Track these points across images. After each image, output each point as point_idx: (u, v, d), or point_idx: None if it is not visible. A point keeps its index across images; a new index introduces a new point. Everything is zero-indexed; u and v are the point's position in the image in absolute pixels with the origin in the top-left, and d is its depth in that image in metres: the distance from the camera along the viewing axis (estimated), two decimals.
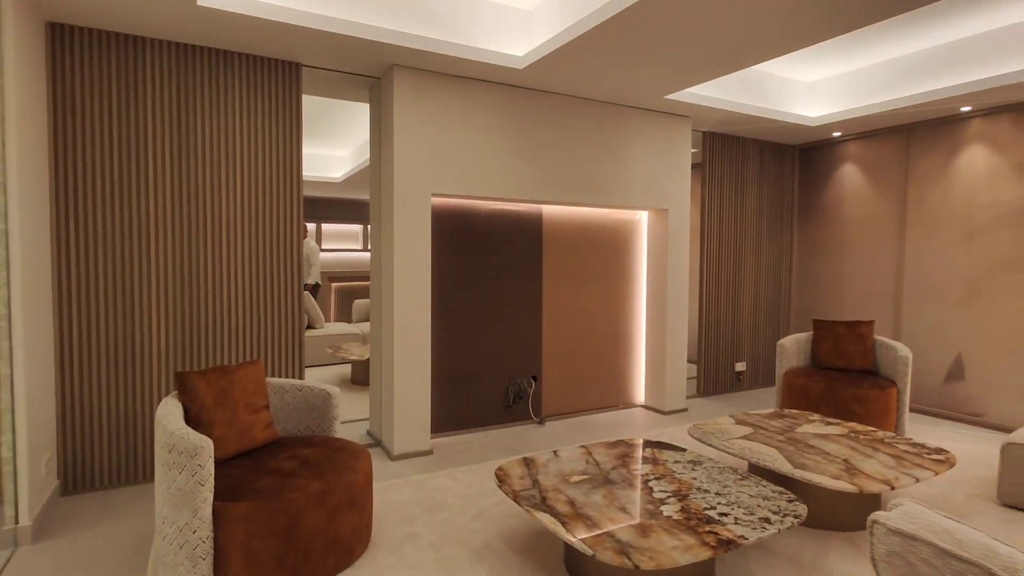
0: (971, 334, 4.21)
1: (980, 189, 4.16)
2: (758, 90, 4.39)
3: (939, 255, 4.39)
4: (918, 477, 2.37)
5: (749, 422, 3.12)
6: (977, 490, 2.97)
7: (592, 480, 2.33)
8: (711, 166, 4.91)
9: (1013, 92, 3.71)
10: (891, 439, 2.84)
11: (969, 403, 4.22)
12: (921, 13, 3.43)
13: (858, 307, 4.92)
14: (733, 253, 5.05)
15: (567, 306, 4.28)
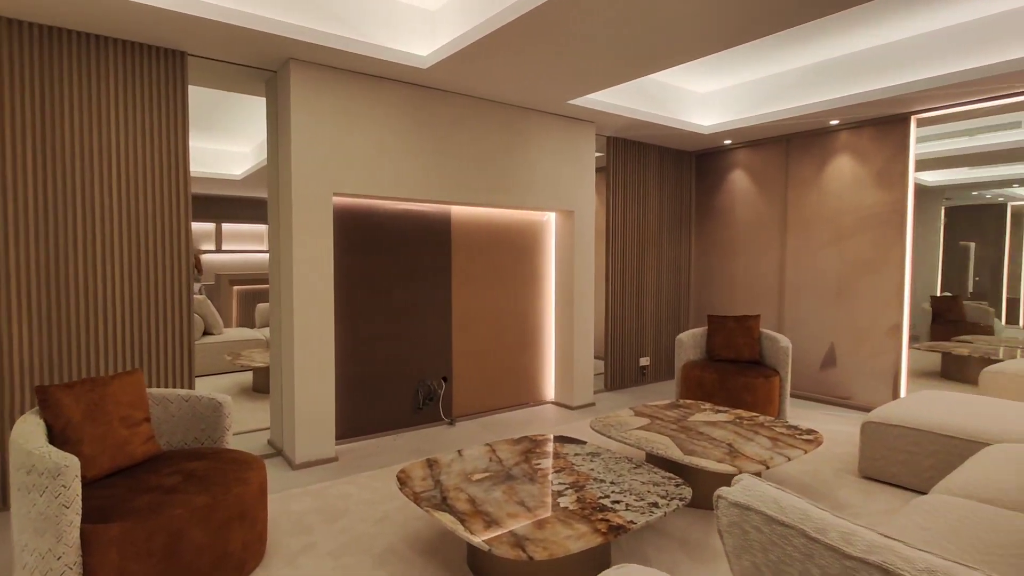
0: (841, 326, 4.67)
1: (847, 195, 4.62)
2: (657, 99, 4.63)
3: (814, 255, 4.83)
4: (789, 456, 2.60)
5: (647, 413, 3.29)
6: (843, 465, 3.30)
7: (494, 477, 2.36)
8: (615, 170, 5.12)
9: (873, 108, 4.14)
10: (770, 423, 3.09)
11: (840, 387, 4.68)
12: (798, 34, 3.76)
13: (748, 302, 5.32)
14: (637, 253, 5.29)
15: (477, 306, 4.30)
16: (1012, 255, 6.89)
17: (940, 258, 7.34)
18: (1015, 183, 6.91)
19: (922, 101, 3.98)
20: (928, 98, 3.90)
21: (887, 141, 4.38)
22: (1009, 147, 5.09)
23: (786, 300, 5.03)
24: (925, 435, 2.86)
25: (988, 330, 6.76)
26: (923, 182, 7.05)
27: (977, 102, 3.94)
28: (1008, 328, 6.87)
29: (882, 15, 3.48)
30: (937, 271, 7.29)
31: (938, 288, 7.30)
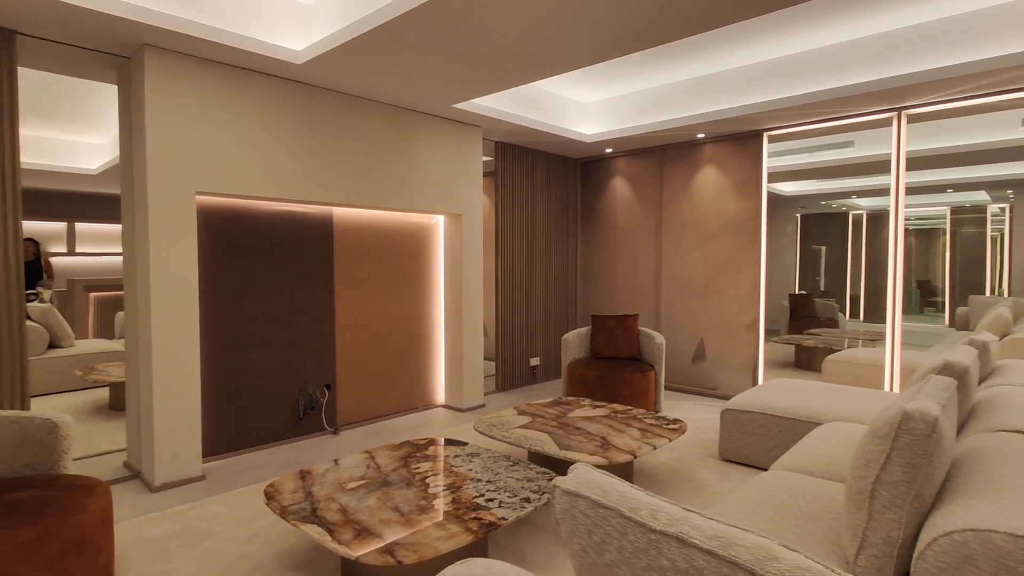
0: (708, 322, 5.08)
1: (712, 202, 5.04)
2: (542, 107, 4.78)
3: (685, 257, 5.22)
4: (655, 445, 2.79)
5: (530, 412, 3.38)
6: (706, 450, 3.59)
7: (369, 484, 2.32)
8: (503, 174, 5.22)
9: (732, 124, 4.56)
10: (642, 415, 3.30)
11: (708, 379, 5.09)
12: (670, 52, 4.04)
13: (629, 301, 5.63)
14: (526, 255, 5.43)
15: (363, 310, 4.20)
16: (853, 257, 7.89)
17: (797, 260, 8.23)
18: (853, 195, 7.91)
19: (772, 120, 4.44)
20: (777, 117, 4.36)
21: (745, 154, 4.84)
22: (846, 163, 5.79)
23: (662, 299, 5.39)
24: (771, 418, 3.19)
25: (834, 323, 7.66)
26: (781, 192, 7.85)
27: (818, 122, 4.46)
28: (851, 322, 7.83)
29: (740, 40, 3.85)
30: (794, 271, 8.16)
31: (795, 287, 8.17)
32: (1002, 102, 3.78)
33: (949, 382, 1.71)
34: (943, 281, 7.95)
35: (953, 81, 3.48)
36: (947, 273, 7.87)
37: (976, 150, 5.22)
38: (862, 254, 7.09)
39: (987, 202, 7.35)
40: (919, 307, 8.25)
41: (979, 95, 3.73)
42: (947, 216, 7.83)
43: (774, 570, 0.77)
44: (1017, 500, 1.27)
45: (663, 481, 3.11)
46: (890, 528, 1.40)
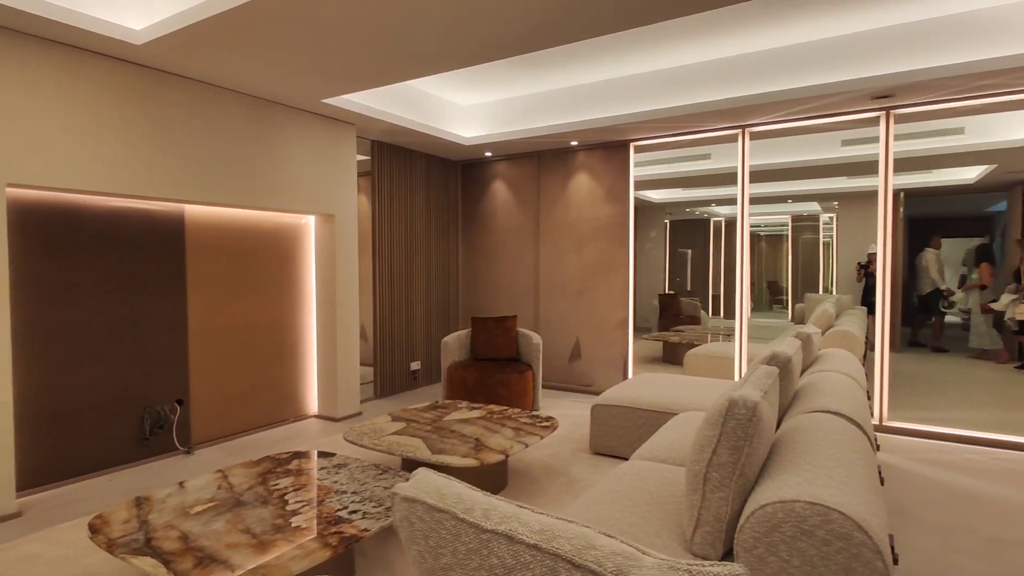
0: (583, 321, 5.31)
1: (585, 207, 5.28)
2: (421, 107, 4.72)
3: (561, 259, 5.42)
4: (527, 443, 2.85)
5: (404, 417, 3.31)
6: (579, 445, 3.74)
7: (219, 507, 2.13)
8: (381, 174, 5.08)
9: (602, 134, 4.80)
10: (517, 415, 3.36)
11: (584, 376, 5.32)
12: (544, 60, 4.16)
13: (510, 303, 5.73)
14: (406, 258, 5.33)
15: (221, 317, 3.87)
16: (714, 260, 8.67)
17: (666, 262, 8.86)
18: (712, 203, 8.68)
19: (637, 132, 4.74)
20: (641, 129, 4.66)
21: (613, 162, 5.12)
22: (704, 174, 6.32)
23: (541, 300, 5.54)
24: (635, 411, 3.39)
25: (697, 321, 8.34)
26: (650, 199, 8.41)
27: (676, 135, 4.82)
28: (712, 318, 8.57)
29: (609, 54, 4.05)
30: (664, 273, 8.78)
31: (665, 287, 8.79)
32: (826, 124, 4.33)
33: (772, 371, 1.92)
34: (787, 281, 8.99)
35: (786, 104, 3.92)
36: (789, 274, 8.91)
37: (808, 165, 5.95)
38: (721, 257, 7.73)
39: (819, 212, 8.42)
40: (768, 304, 9.26)
41: (807, 117, 4.24)
42: (789, 224, 8.88)
43: (591, 558, 0.80)
44: (818, 472, 1.44)
45: (537, 477, 3.18)
46: (720, 506, 1.53)
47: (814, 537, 1.26)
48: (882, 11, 3.35)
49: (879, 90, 3.63)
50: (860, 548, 1.21)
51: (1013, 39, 3.21)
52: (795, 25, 3.56)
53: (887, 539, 1.26)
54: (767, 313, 9.00)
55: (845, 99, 3.81)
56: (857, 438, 1.84)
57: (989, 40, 3.26)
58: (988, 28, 3.26)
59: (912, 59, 3.47)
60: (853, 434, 1.85)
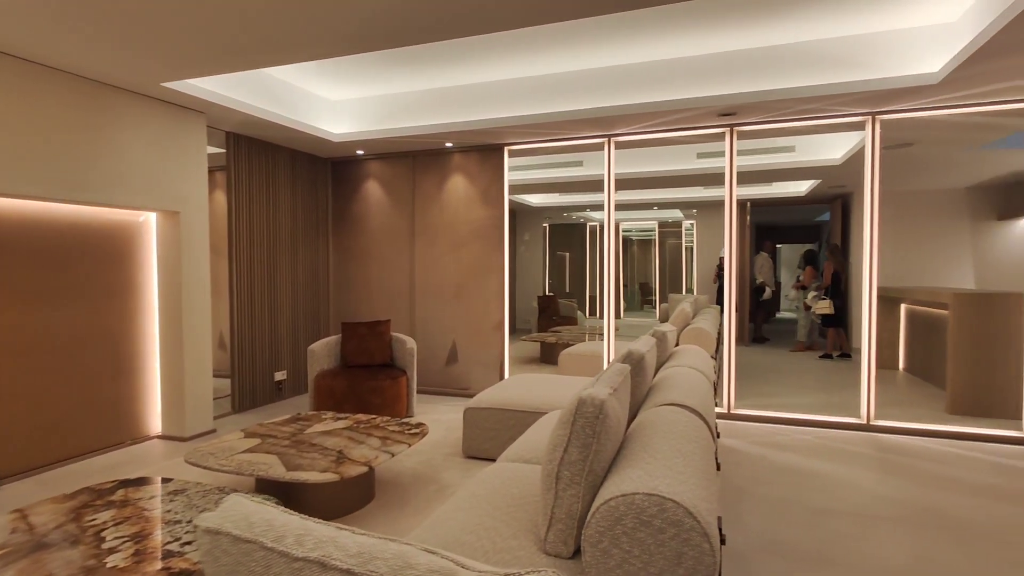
0: (461, 324, 5.28)
1: (461, 209, 5.26)
2: (285, 99, 4.41)
3: (438, 261, 5.35)
4: (394, 452, 2.74)
5: (260, 433, 3.05)
6: (453, 450, 3.69)
7: (12, 553, 1.79)
8: (238, 169, 4.68)
9: (477, 136, 4.80)
10: (385, 423, 3.23)
11: (461, 380, 5.29)
12: (418, 58, 4.06)
13: (385, 306, 5.55)
14: (268, 260, 4.95)
15: (32, 330, 3.33)
16: (591, 263, 9.06)
17: (545, 265, 9.12)
18: (587, 208, 9.07)
19: (511, 136, 4.80)
20: (515, 134, 4.72)
21: (489, 165, 5.15)
22: (578, 180, 6.57)
23: (416, 303, 5.43)
24: (506, 412, 3.41)
25: (574, 321, 8.66)
26: (529, 203, 8.60)
27: (548, 141, 4.94)
28: (590, 319, 8.95)
29: (481, 57, 4.05)
30: (543, 276, 9.02)
31: (544, 289, 9.03)
32: (682, 137, 4.67)
33: (624, 368, 1.99)
34: (655, 283, 9.65)
35: (646, 116, 4.17)
36: (657, 276, 9.57)
37: (669, 175, 6.41)
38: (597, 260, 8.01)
39: (681, 219, 9.14)
40: (640, 304, 9.89)
41: (666, 129, 4.55)
42: (656, 229, 9.54)
43: None
44: (659, 464, 1.51)
45: (407, 486, 3.08)
46: (571, 503, 1.55)
47: (651, 527, 1.31)
48: (727, 36, 3.68)
49: (724, 108, 3.98)
50: (690, 533, 1.28)
51: (830, 70, 3.67)
52: (654, 43, 3.80)
53: (715, 522, 1.34)
54: (639, 313, 9.61)
55: (697, 115, 4.14)
56: (699, 428, 1.97)
57: (812, 69, 3.71)
58: (811, 59, 3.70)
59: (751, 82, 3.85)
60: (695, 425, 1.98)
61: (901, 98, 3.74)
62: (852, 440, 3.94)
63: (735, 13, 3.36)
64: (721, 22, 3.48)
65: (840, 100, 3.78)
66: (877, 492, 3.03)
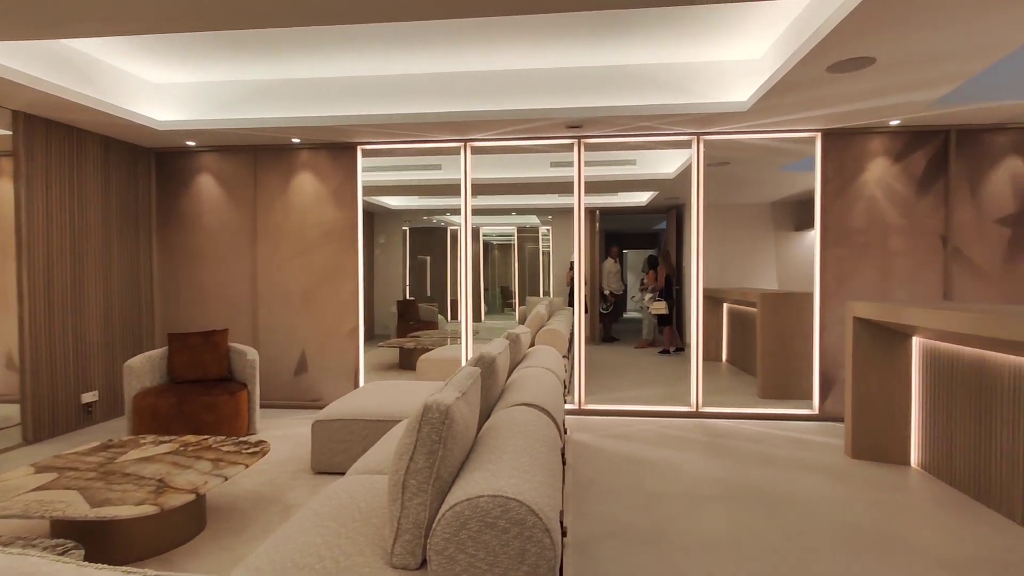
0: (310, 332, 4.97)
1: (310, 210, 4.95)
2: (93, 78, 3.81)
3: (285, 265, 4.98)
4: (227, 476, 2.48)
5: (57, 466, 2.58)
6: (301, 466, 3.44)
7: None
8: (31, 156, 3.96)
9: (326, 133, 4.55)
10: (219, 443, 2.91)
11: (312, 391, 4.97)
12: (262, 45, 3.72)
13: (222, 315, 5.04)
14: (72, 262, 4.24)
15: None
16: (452, 266, 9.04)
17: (406, 269, 8.93)
18: (448, 212, 9.06)
19: (364, 135, 4.62)
20: (368, 133, 4.55)
21: (340, 165, 4.92)
22: (437, 184, 6.53)
23: (260, 310, 5.00)
24: (358, 423, 3.26)
25: (435, 326, 8.59)
26: (388, 205, 8.37)
27: (404, 143, 4.84)
28: (451, 323, 8.92)
29: (329, 50, 3.84)
30: (403, 280, 8.82)
31: (405, 293, 8.84)
32: (536, 146, 4.84)
33: (474, 371, 1.99)
34: (515, 286, 9.91)
35: (501, 123, 4.26)
36: (517, 280, 9.85)
37: (526, 182, 6.62)
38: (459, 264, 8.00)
39: (538, 224, 9.50)
40: (501, 307, 10.11)
41: (520, 137, 4.68)
42: (515, 234, 9.82)
43: None
44: (505, 465, 1.52)
45: (245, 511, 2.81)
46: (418, 512, 1.50)
47: (496, 528, 1.31)
48: (576, 53, 3.89)
49: (571, 120, 4.20)
50: (532, 530, 1.30)
51: (664, 92, 4.03)
52: (509, 53, 3.89)
53: (556, 517, 1.38)
54: (500, 315, 9.82)
55: (548, 125, 4.32)
56: (546, 426, 2.03)
57: (649, 90, 4.05)
58: (649, 81, 4.04)
59: (596, 98, 4.11)
60: (543, 423, 2.04)
61: (719, 122, 4.24)
62: (684, 427, 4.37)
63: (583, 31, 3.56)
64: (570, 39, 3.67)
65: (672, 120, 4.17)
66: (703, 473, 3.38)
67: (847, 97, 3.67)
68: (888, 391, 3.54)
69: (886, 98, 3.70)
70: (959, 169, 4.43)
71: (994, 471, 2.83)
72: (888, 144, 4.48)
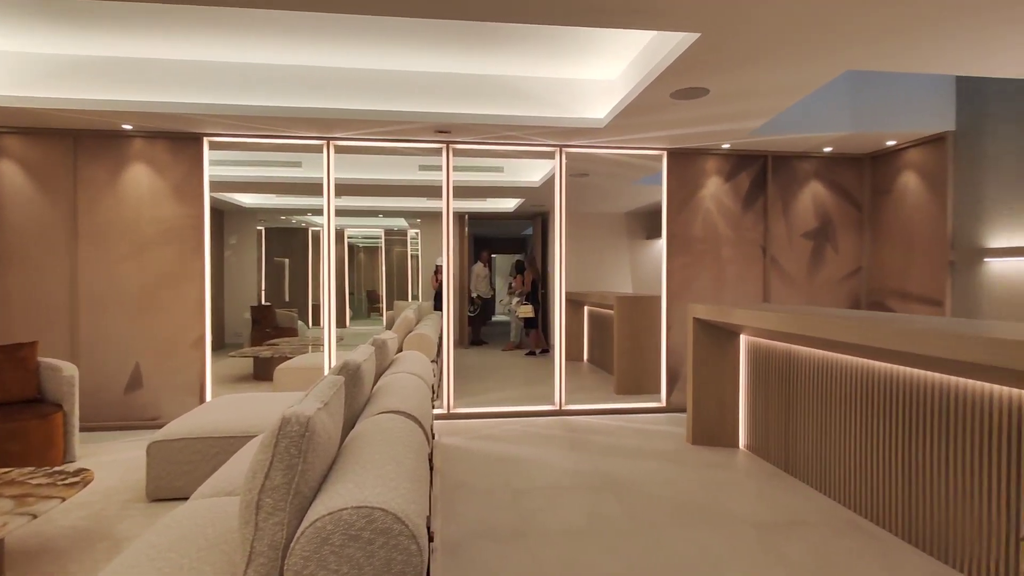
0: (146, 343, 4.42)
1: (146, 205, 4.42)
2: None
3: (114, 268, 4.38)
4: (37, 513, 2.12)
5: None
6: (134, 494, 3.05)
7: None
8: None
9: (167, 121, 4.09)
10: (26, 476, 2.49)
11: (148, 409, 4.43)
12: (81, 12, 3.23)
13: (32, 326, 4.30)
14: None
15: None
16: (314, 270, 8.55)
17: (262, 272, 8.28)
18: (309, 212, 8.58)
19: (213, 126, 4.23)
20: (218, 124, 4.17)
21: (183, 157, 4.45)
22: (297, 182, 6.17)
23: (82, 320, 4.35)
24: (204, 442, 2.97)
25: (294, 333, 8.09)
26: (241, 203, 7.72)
27: (259, 137, 4.50)
28: (313, 329, 8.44)
29: (185, 28, 3.45)
30: (259, 284, 8.18)
31: (261, 299, 8.20)
32: (404, 148, 4.76)
33: (337, 380, 1.92)
34: (382, 290, 9.64)
35: (367, 123, 4.14)
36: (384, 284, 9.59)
37: (394, 184, 6.50)
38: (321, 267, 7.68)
39: (407, 227, 9.36)
40: (368, 312, 9.75)
41: (387, 139, 4.58)
42: (383, 237, 9.56)
43: None
44: (370, 475, 1.49)
45: (63, 551, 2.43)
46: (274, 533, 1.41)
47: (361, 539, 1.28)
48: (445, 58, 3.90)
49: (440, 125, 4.21)
50: (399, 538, 1.28)
51: (530, 104, 4.19)
52: (377, 52, 3.80)
53: (423, 523, 1.38)
54: (366, 321, 9.49)
55: (416, 128, 4.28)
56: (413, 432, 2.02)
57: (516, 101, 4.19)
58: (516, 92, 4.17)
59: (464, 104, 4.16)
60: (410, 429, 2.02)
61: (580, 136, 4.51)
62: (549, 424, 4.57)
63: (453, 39, 3.58)
64: (441, 46, 3.68)
65: (536, 131, 4.36)
66: (564, 467, 3.56)
67: (688, 121, 4.10)
68: (721, 383, 4.01)
69: (718, 124, 4.20)
70: (774, 189, 5.16)
71: (799, 447, 3.34)
72: (720, 165, 5.09)
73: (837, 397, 3.03)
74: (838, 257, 5.27)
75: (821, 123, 4.54)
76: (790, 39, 2.76)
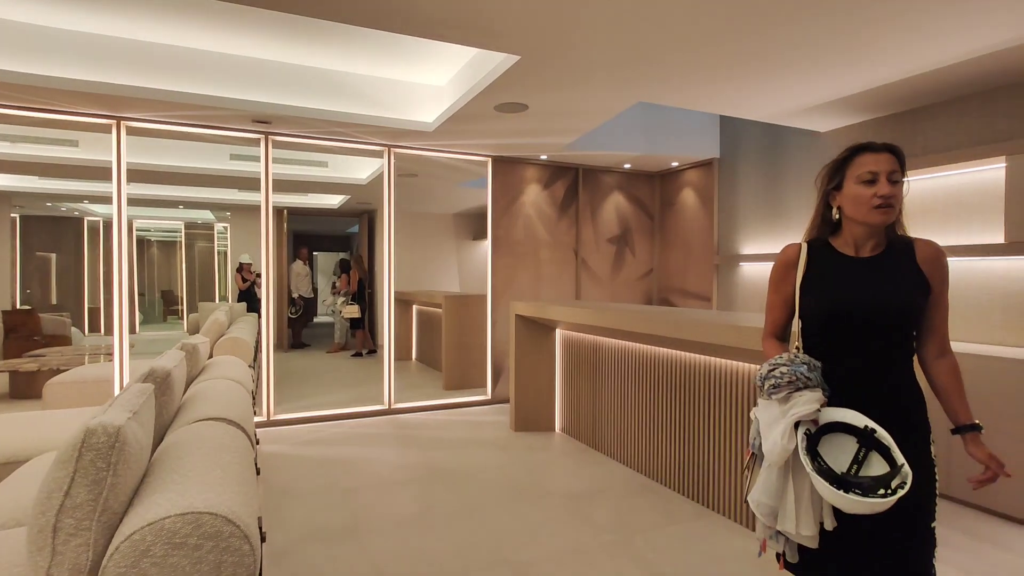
0: None
1: None
2: None
3: None
4: None
5: None
6: None
7: None
8: None
9: None
10: None
11: None
12: None
13: None
14: None
15: None
16: (92, 267, 7.28)
17: (18, 269, 6.85)
18: (85, 199, 7.30)
19: None
20: None
21: None
22: (70, 163, 5.27)
23: None
24: None
25: (67, 340, 6.85)
26: None
27: (23, 109, 3.77)
28: (90, 336, 7.21)
29: None
30: (13, 283, 6.75)
31: (16, 301, 6.77)
32: (214, 136, 4.36)
33: (146, 388, 1.77)
34: (182, 290, 8.56)
35: (169, 105, 3.72)
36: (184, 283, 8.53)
37: (198, 173, 5.88)
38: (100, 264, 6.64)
39: (213, 221, 8.45)
40: (163, 315, 8.55)
41: (193, 124, 4.16)
42: (182, 230, 8.49)
43: None
44: (192, 482, 1.42)
45: None
46: (78, 555, 1.28)
47: (187, 546, 1.23)
48: (262, 44, 3.67)
49: (258, 115, 3.96)
50: (230, 540, 1.27)
51: (359, 102, 4.14)
52: (189, 27, 3.44)
53: (255, 523, 1.37)
54: (162, 325, 8.34)
55: (229, 115, 3.97)
56: (236, 437, 1.93)
57: (344, 98, 4.10)
58: (344, 88, 4.09)
59: (285, 95, 3.96)
60: (232, 434, 1.94)
61: (409, 137, 4.58)
62: (378, 424, 4.57)
63: (276, 25, 3.40)
64: (264, 30, 3.46)
65: (365, 130, 4.32)
66: (394, 462, 3.62)
67: (510, 132, 4.42)
68: (539, 373, 4.40)
69: (537, 137, 4.59)
70: (585, 198, 5.78)
71: (603, 426, 3.83)
72: (539, 174, 5.55)
73: (631, 380, 3.55)
74: (635, 260, 6.09)
75: (621, 143, 5.22)
76: (596, 71, 3.17)
